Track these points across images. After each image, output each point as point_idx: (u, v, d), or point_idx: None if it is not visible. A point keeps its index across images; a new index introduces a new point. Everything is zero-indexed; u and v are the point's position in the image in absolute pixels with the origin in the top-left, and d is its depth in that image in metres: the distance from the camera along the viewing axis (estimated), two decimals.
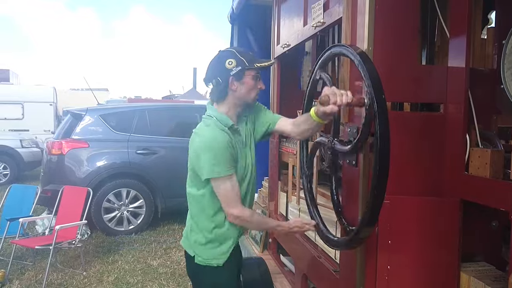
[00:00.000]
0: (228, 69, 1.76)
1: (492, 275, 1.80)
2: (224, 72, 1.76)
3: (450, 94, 1.89)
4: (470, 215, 1.89)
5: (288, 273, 3.18)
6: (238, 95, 1.81)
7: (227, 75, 1.76)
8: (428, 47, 2.19)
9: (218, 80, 1.77)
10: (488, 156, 1.71)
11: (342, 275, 2.07)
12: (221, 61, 1.78)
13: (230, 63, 1.76)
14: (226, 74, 1.76)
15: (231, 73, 1.76)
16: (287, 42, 3.06)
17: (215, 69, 1.80)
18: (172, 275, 4.11)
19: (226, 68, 1.76)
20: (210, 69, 1.82)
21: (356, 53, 1.62)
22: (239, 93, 1.81)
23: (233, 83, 1.78)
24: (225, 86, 1.78)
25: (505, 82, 1.71)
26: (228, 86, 1.78)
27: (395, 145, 1.57)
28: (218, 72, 1.78)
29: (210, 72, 1.82)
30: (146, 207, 5.57)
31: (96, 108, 6.18)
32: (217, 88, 1.80)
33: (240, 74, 1.77)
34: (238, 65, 1.76)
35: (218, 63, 1.80)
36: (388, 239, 1.81)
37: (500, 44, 1.89)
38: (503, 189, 1.58)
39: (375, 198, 1.54)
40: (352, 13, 1.97)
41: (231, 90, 1.79)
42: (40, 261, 4.39)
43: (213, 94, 1.85)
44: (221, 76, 1.77)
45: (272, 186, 3.57)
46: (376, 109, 1.49)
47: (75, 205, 4.41)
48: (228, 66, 1.76)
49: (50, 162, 5.44)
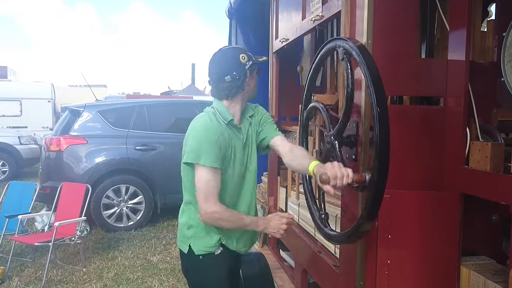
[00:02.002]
0: (242, 63, 1.78)
1: (492, 269, 1.80)
2: (240, 67, 1.78)
3: (450, 88, 1.88)
4: (470, 209, 1.88)
5: (288, 268, 3.18)
6: (248, 89, 1.84)
7: (244, 70, 1.78)
8: (428, 40, 2.18)
9: (234, 75, 1.76)
10: (488, 149, 1.70)
11: (342, 270, 2.07)
12: (235, 57, 1.79)
13: (244, 58, 1.79)
14: (242, 69, 1.78)
15: (246, 68, 1.79)
16: (285, 36, 3.04)
17: (230, 64, 1.78)
18: (172, 271, 4.11)
19: (241, 63, 1.78)
20: (223, 65, 1.79)
21: (356, 46, 1.61)
22: (250, 88, 1.84)
23: (249, 78, 1.81)
24: (243, 81, 1.79)
25: (505, 75, 1.70)
26: (245, 81, 1.80)
27: (394, 139, 1.56)
28: (234, 68, 1.77)
29: (223, 67, 1.78)
30: (145, 203, 5.56)
31: (94, 104, 6.15)
32: (233, 83, 1.78)
33: (252, 68, 1.81)
34: (249, 60, 1.80)
35: (231, 58, 1.79)
36: (388, 234, 1.81)
37: (500, 37, 1.88)
38: (504, 182, 1.57)
39: (375, 192, 1.53)
40: (351, 6, 1.95)
41: (247, 85, 1.81)
42: (39, 258, 4.39)
43: (224, 90, 1.80)
44: (238, 71, 1.77)
45: (271, 181, 3.56)
46: (375, 103, 1.48)
47: (74, 202, 4.40)
48: (242, 60, 1.78)
49: (48, 159, 5.43)
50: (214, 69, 1.81)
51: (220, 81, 1.79)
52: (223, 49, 1.85)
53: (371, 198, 1.55)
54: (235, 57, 1.78)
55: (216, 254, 1.84)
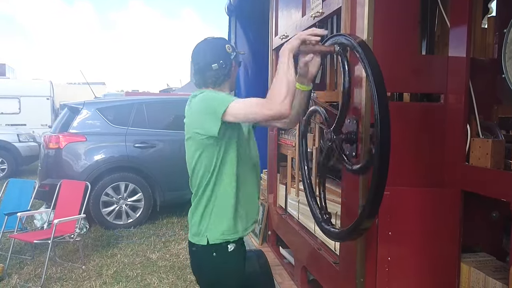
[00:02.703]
0: (229, 53, 1.83)
1: (492, 266, 1.80)
2: (227, 56, 1.82)
3: (450, 84, 1.88)
4: (470, 205, 1.88)
5: (288, 265, 3.19)
6: (232, 79, 1.89)
7: (230, 60, 1.83)
8: (428, 37, 2.17)
9: (221, 63, 1.79)
10: (489, 146, 1.70)
11: (342, 267, 2.07)
12: (221, 46, 1.83)
13: (229, 48, 1.84)
14: (228, 58, 1.82)
15: (231, 58, 1.84)
16: (285, 33, 3.03)
17: (216, 53, 1.81)
18: (171, 268, 4.11)
19: (227, 52, 1.82)
20: (209, 53, 1.81)
21: (356, 42, 1.60)
22: (233, 77, 1.89)
23: (234, 67, 1.86)
24: (229, 69, 1.83)
25: (506, 71, 1.70)
26: (231, 70, 1.84)
27: (395, 136, 1.55)
28: (221, 56, 1.80)
29: (209, 56, 1.80)
30: (144, 200, 5.55)
31: (93, 101, 6.13)
32: (219, 71, 1.80)
33: (236, 58, 1.87)
34: (233, 51, 1.86)
35: (218, 47, 1.83)
36: (388, 231, 1.81)
37: (501, 33, 1.87)
38: (504, 179, 1.57)
39: (376, 189, 1.52)
40: (352, 3, 1.94)
41: (232, 74, 1.86)
42: (38, 255, 4.38)
43: (211, 78, 1.81)
44: (224, 60, 1.81)
45: (271, 179, 3.56)
46: (376, 99, 1.48)
47: (73, 199, 4.39)
48: (228, 50, 1.83)
49: (47, 156, 5.41)
50: (200, 58, 1.83)
51: (207, 69, 1.80)
52: (209, 39, 1.88)
53: (371, 195, 1.54)
54: (221, 46, 1.83)
55: (230, 250, 1.80)
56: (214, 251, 1.80)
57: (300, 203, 2.87)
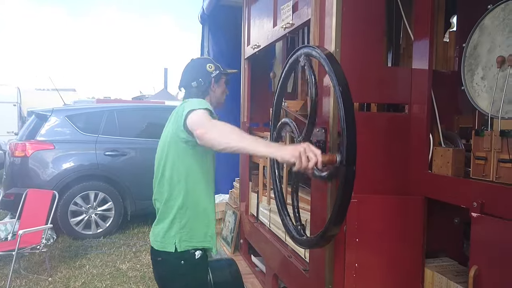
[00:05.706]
0: (209, 72, 1.99)
1: (454, 270, 1.87)
2: (206, 74, 1.98)
3: (414, 95, 1.95)
4: (434, 212, 1.95)
5: (259, 273, 3.19)
6: (215, 96, 2.02)
7: (209, 77, 1.98)
8: (394, 49, 2.25)
9: (200, 81, 1.96)
10: (450, 155, 1.77)
11: (312, 274, 2.09)
12: (202, 65, 2.01)
13: (210, 67, 2.00)
14: (208, 76, 1.98)
15: (212, 76, 1.99)
16: (257, 43, 3.07)
17: (197, 72, 1.99)
18: (142, 279, 4.04)
19: (207, 71, 1.99)
20: (190, 72, 2.00)
21: (324, 54, 1.64)
22: (215, 94, 2.02)
23: (214, 85, 2.00)
24: (207, 86, 1.98)
25: (465, 83, 1.78)
26: (210, 87, 1.99)
27: (362, 145, 1.59)
28: (200, 75, 1.97)
29: (190, 74, 1.99)
30: (115, 209, 5.44)
31: (63, 108, 5.99)
32: (198, 89, 1.96)
33: (218, 77, 2.01)
34: (216, 70, 2.02)
35: (198, 66, 2.01)
36: (355, 237, 1.85)
37: (461, 47, 1.96)
38: (464, 187, 1.64)
39: (343, 196, 1.56)
40: (320, 14, 1.99)
41: (211, 91, 2.00)
42: (2, 268, 4.22)
43: (191, 95, 1.96)
44: (203, 78, 1.97)
45: (243, 187, 3.57)
46: (343, 109, 1.51)
47: (40, 209, 4.26)
48: (209, 69, 2.00)
49: (13, 165, 5.24)
50: (183, 76, 2.02)
51: (188, 86, 1.99)
52: (194, 59, 2.07)
53: (338, 201, 1.57)
54: (202, 66, 2.01)
55: (197, 258, 1.83)
56: (183, 259, 1.81)
57: (271, 211, 2.88)
